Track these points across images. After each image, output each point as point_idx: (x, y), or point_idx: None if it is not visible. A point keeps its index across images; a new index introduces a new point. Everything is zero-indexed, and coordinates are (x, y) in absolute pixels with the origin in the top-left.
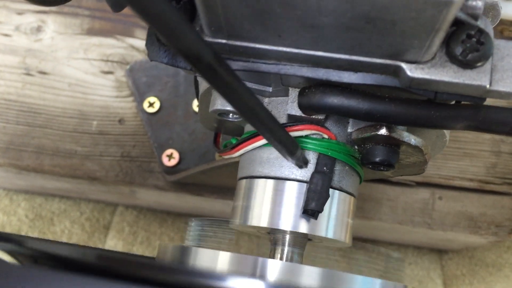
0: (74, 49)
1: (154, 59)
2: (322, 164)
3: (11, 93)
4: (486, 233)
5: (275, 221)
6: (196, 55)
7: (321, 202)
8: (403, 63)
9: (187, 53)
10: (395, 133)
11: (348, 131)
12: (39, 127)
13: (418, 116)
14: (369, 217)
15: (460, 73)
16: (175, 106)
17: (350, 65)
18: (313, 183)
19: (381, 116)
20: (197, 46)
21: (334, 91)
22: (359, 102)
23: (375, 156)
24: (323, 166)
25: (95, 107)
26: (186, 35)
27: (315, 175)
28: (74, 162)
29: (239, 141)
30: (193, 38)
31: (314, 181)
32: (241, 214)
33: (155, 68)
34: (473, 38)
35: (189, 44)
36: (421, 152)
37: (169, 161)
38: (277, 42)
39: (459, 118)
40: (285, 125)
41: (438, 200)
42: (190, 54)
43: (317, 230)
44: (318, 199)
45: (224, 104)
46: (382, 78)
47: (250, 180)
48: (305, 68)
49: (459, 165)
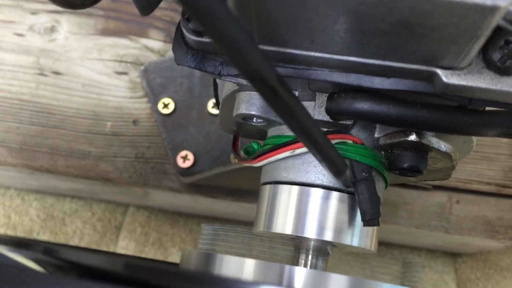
0: (88, 49)
1: (181, 63)
2: (359, 171)
3: (25, 93)
4: (504, 237)
5: (300, 228)
6: (261, 77)
7: (376, 206)
8: (438, 69)
9: (251, 74)
10: (424, 139)
11: (375, 137)
12: (53, 127)
13: (451, 122)
14: (385, 220)
15: (497, 80)
16: (189, 107)
17: (382, 71)
18: (360, 193)
19: (413, 122)
20: (262, 68)
21: (364, 97)
22: (390, 108)
23: (403, 162)
24: (362, 172)
25: (109, 108)
26: (252, 56)
27: (358, 184)
28: (88, 163)
29: (263, 152)
30: (259, 59)
31: (360, 190)
32: (265, 220)
33: (170, 69)
34: (511, 44)
35: (254, 65)
36: (450, 158)
37: (183, 163)
38: (309, 47)
39: (492, 125)
40: None
41: (455, 204)
42: (254, 75)
43: (342, 238)
44: (373, 206)
45: (249, 108)
46: (415, 84)
47: (274, 185)
48: (336, 74)
49: (477, 168)
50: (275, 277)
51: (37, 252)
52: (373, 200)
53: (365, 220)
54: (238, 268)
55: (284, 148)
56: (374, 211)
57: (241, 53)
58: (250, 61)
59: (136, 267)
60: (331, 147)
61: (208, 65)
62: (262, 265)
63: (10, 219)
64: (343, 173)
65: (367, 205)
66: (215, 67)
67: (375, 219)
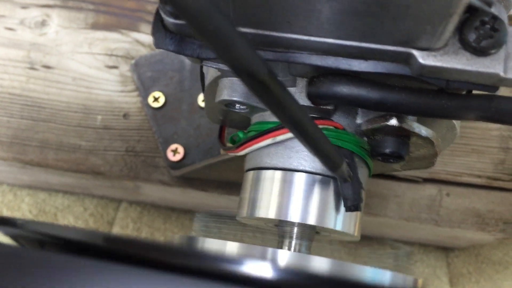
0: (79, 43)
1: (160, 46)
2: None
3: (15, 87)
4: (494, 230)
5: (283, 212)
6: (249, 71)
7: (358, 192)
8: (415, 50)
9: (239, 68)
10: (405, 124)
11: (357, 122)
12: (43, 121)
13: (429, 105)
14: (375, 213)
15: (473, 61)
16: (180, 101)
17: (360, 53)
18: (341, 179)
19: (392, 105)
20: (251, 62)
21: (343, 80)
22: (369, 91)
23: (384, 148)
24: (344, 158)
25: (99, 102)
26: (239, 49)
27: (340, 170)
28: (78, 157)
29: (245, 140)
30: (248, 52)
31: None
32: (248, 206)
33: (160, 62)
34: (487, 24)
35: (242, 59)
36: (431, 144)
37: (174, 156)
38: (286, 29)
39: (471, 108)
40: None
41: (446, 197)
42: (242, 69)
43: (325, 222)
44: (354, 192)
45: (231, 94)
46: (393, 66)
47: (257, 171)
48: (314, 56)
49: (467, 161)
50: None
51: (12, 227)
52: (355, 186)
53: (346, 205)
54: (220, 249)
55: (265, 136)
56: (355, 196)
57: (226, 45)
58: (236, 53)
59: (117, 240)
60: (326, 141)
61: (186, 48)
62: (245, 247)
63: (2, 214)
64: (339, 167)
65: (348, 190)
66: (194, 50)
67: (357, 205)
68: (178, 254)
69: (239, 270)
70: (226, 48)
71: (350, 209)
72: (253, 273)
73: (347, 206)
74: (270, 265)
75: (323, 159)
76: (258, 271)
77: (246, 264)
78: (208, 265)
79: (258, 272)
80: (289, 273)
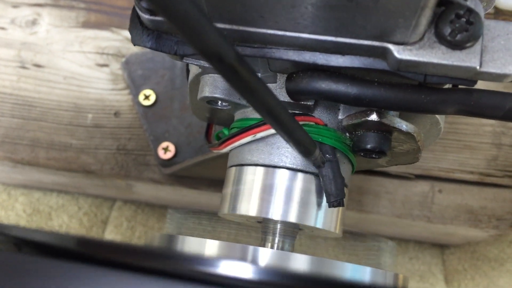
0: (70, 42)
1: (137, 43)
2: (323, 152)
3: (6, 86)
4: (487, 226)
5: (264, 210)
6: (217, 55)
7: (340, 188)
8: (390, 45)
9: (207, 52)
10: (385, 119)
11: (339, 118)
12: (34, 120)
13: (408, 100)
14: (367, 210)
15: (449, 54)
16: (171, 99)
17: (336, 48)
18: (324, 175)
19: (370, 100)
20: (219, 46)
21: (321, 76)
22: (348, 87)
23: (366, 143)
24: (325, 154)
25: (90, 100)
26: (207, 34)
27: (322, 165)
28: (69, 155)
29: (227, 137)
30: (215, 37)
31: (324, 172)
32: (230, 202)
33: (151, 61)
34: (462, 18)
35: (210, 43)
36: (413, 138)
37: (165, 154)
38: (261, 24)
39: (450, 102)
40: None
41: (438, 193)
42: (210, 53)
43: (306, 219)
44: (337, 187)
45: (212, 91)
46: (370, 61)
47: (239, 167)
48: (291, 52)
49: (459, 157)
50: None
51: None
52: (337, 182)
53: (329, 201)
54: (200, 248)
55: (246, 133)
56: (338, 192)
57: (195, 31)
58: (204, 38)
59: (90, 243)
60: (297, 126)
61: (163, 44)
62: (225, 245)
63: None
64: (312, 153)
65: (331, 186)
66: (171, 47)
67: (339, 200)
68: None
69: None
70: (194, 33)
71: (333, 205)
72: (231, 274)
73: (330, 202)
74: (249, 265)
75: (296, 145)
76: (237, 272)
77: (224, 266)
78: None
79: (237, 273)
80: (268, 273)
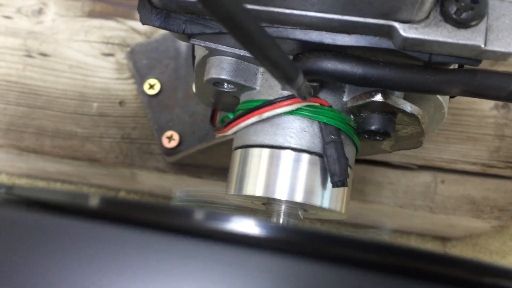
0: (75, 31)
1: (146, 22)
2: (328, 133)
3: (12, 75)
4: (489, 217)
5: (270, 190)
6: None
7: (344, 168)
8: (396, 23)
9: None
10: (390, 100)
11: (344, 100)
12: (40, 108)
13: (413, 80)
14: (369, 200)
15: (455, 33)
16: (175, 88)
17: (343, 27)
18: (328, 155)
19: (376, 80)
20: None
21: (328, 56)
22: (353, 66)
23: (370, 125)
24: (330, 134)
25: (95, 89)
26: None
27: (327, 146)
28: (74, 144)
29: (233, 118)
30: None
31: (328, 153)
32: (236, 183)
33: (156, 50)
34: None
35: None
36: (417, 120)
37: (169, 143)
38: (268, 2)
39: (454, 83)
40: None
41: (440, 184)
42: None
43: (312, 199)
44: (341, 167)
45: (219, 72)
46: (376, 40)
47: (245, 149)
48: (297, 31)
49: (462, 148)
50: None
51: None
52: (341, 162)
53: (333, 181)
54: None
55: (252, 114)
56: (342, 172)
57: None
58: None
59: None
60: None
61: (172, 23)
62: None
63: None
64: (294, 80)
65: (335, 166)
66: (179, 26)
67: (343, 180)
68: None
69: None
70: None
71: (336, 185)
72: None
73: (334, 182)
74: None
75: (276, 70)
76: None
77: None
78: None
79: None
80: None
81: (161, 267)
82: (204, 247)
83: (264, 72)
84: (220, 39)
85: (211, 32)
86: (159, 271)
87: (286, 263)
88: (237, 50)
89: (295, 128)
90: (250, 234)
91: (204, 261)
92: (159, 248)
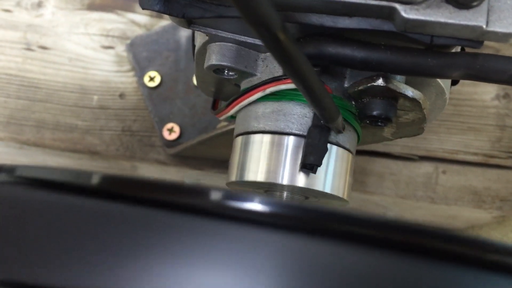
0: (75, 24)
1: (146, 7)
2: (318, 118)
3: (12, 68)
4: (491, 207)
5: (272, 175)
6: (265, 24)
7: (319, 155)
8: (397, 4)
9: (255, 21)
10: (391, 84)
11: (345, 86)
12: (40, 101)
13: (414, 63)
14: (371, 191)
15: (456, 14)
16: (176, 80)
17: (344, 9)
18: (310, 137)
19: (377, 64)
20: (267, 15)
21: (328, 40)
22: (354, 50)
23: (372, 110)
24: (320, 120)
25: (95, 82)
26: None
27: (312, 129)
28: (74, 136)
29: (233, 98)
30: (265, 7)
31: (312, 135)
32: (237, 170)
33: (156, 43)
34: None
35: (259, 12)
36: (419, 106)
37: (169, 135)
38: None
39: (456, 66)
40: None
41: (442, 174)
42: (258, 22)
43: (315, 184)
44: (316, 153)
45: (220, 59)
46: (378, 22)
47: (246, 136)
48: (298, 14)
49: (463, 139)
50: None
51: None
52: (319, 148)
53: (304, 162)
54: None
55: (256, 90)
56: (315, 157)
57: None
58: (255, 8)
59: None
60: (326, 94)
61: (172, 8)
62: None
63: None
64: (335, 120)
65: (312, 150)
66: (179, 10)
67: (313, 165)
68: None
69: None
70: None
71: (303, 167)
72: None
73: (302, 163)
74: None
75: (322, 111)
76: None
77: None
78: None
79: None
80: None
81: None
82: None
83: (265, 58)
84: (220, 25)
85: (211, 15)
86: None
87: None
88: (237, 36)
89: (296, 114)
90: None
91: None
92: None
